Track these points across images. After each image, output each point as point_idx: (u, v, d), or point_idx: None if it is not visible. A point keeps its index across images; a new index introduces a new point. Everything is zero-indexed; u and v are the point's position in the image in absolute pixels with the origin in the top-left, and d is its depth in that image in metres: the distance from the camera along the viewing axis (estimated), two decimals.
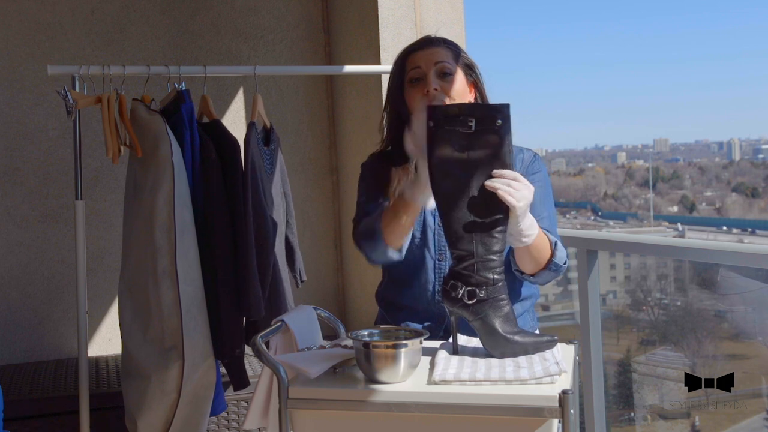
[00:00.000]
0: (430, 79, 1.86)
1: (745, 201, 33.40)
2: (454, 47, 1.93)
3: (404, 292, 1.92)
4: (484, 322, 1.61)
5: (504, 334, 1.60)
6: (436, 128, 1.62)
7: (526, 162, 1.95)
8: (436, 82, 1.86)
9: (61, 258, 3.35)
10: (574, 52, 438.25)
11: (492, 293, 1.61)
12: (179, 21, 3.50)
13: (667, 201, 34.78)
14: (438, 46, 1.91)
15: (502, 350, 1.60)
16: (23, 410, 2.70)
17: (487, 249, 1.62)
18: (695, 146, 48.08)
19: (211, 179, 2.35)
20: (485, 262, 1.61)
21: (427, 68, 1.87)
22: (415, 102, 1.88)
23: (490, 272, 1.62)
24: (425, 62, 1.88)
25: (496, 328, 1.60)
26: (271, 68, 3.27)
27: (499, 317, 1.61)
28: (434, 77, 1.86)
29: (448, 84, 1.87)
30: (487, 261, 1.62)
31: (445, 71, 1.87)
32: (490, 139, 1.59)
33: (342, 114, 3.60)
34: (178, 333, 2.24)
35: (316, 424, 1.55)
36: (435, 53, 1.89)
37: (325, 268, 3.69)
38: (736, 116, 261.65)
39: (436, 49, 1.90)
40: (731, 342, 4.67)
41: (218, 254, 2.34)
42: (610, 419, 3.31)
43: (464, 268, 1.63)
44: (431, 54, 1.89)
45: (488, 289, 1.61)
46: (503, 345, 1.60)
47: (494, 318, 1.60)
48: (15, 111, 3.31)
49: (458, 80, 1.88)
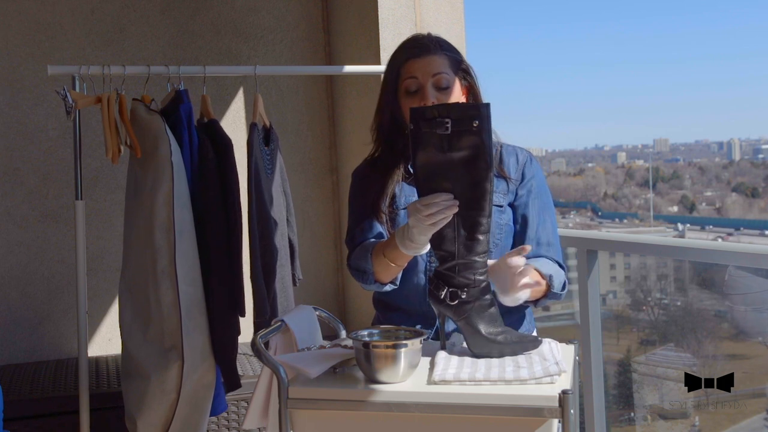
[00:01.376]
0: (428, 93, 1.83)
1: (745, 201, 33.38)
2: (450, 52, 1.90)
3: (397, 293, 1.91)
4: (468, 322, 1.61)
5: (486, 335, 1.60)
6: (416, 130, 1.60)
7: (521, 163, 1.93)
8: (433, 94, 1.83)
9: (61, 258, 3.35)
10: (574, 52, 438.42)
11: (475, 294, 1.61)
12: (179, 21, 3.49)
13: (667, 201, 34.76)
14: (435, 53, 1.86)
15: (485, 350, 1.60)
16: (23, 410, 2.70)
17: (470, 250, 1.61)
18: (695, 146, 48.05)
19: (208, 179, 2.35)
20: (467, 264, 1.61)
21: (424, 80, 1.84)
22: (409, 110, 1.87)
23: (473, 273, 1.61)
24: (422, 73, 1.84)
25: (479, 329, 1.60)
26: (271, 68, 3.27)
27: (483, 318, 1.60)
28: (431, 89, 1.84)
29: (446, 96, 1.85)
30: (470, 262, 1.61)
31: (442, 85, 1.84)
32: (469, 140, 1.57)
33: (342, 114, 3.60)
34: (178, 333, 2.25)
35: (316, 424, 1.55)
36: (432, 63, 1.85)
37: (325, 268, 3.69)
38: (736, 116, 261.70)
39: (433, 57, 1.86)
40: (731, 342, 4.67)
41: (213, 254, 2.34)
42: (610, 419, 3.30)
43: (446, 269, 1.63)
44: (428, 64, 1.85)
45: (471, 290, 1.61)
46: (486, 345, 1.60)
47: (477, 319, 1.60)
48: (15, 111, 3.31)
49: (455, 90, 1.86)
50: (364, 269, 1.83)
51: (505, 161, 1.92)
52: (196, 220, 2.34)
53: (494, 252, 1.85)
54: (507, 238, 1.88)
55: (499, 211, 1.86)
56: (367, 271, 1.82)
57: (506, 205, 1.89)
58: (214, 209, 2.35)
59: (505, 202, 1.88)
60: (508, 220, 1.88)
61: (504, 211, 1.88)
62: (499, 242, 1.86)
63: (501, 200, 1.88)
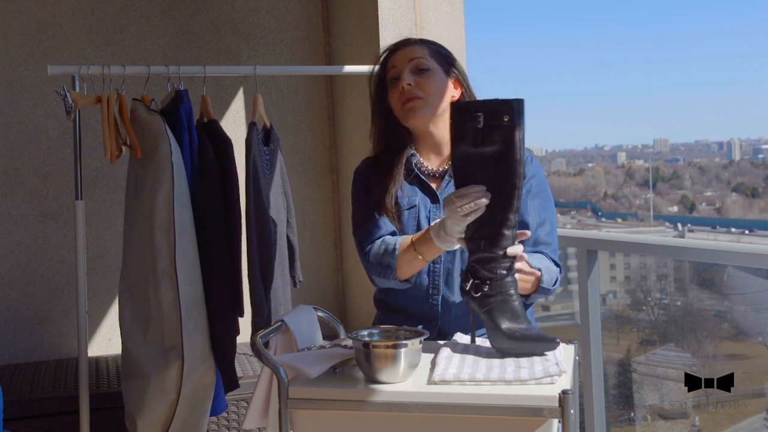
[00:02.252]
0: (404, 76, 1.90)
1: (745, 201, 33.37)
2: (432, 45, 1.97)
3: (399, 294, 1.92)
4: (489, 315, 1.62)
5: (504, 330, 1.60)
6: (454, 123, 1.66)
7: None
8: (410, 77, 1.89)
9: (61, 258, 3.35)
10: (574, 52, 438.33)
11: (498, 288, 1.62)
12: (179, 21, 3.49)
13: (667, 201, 34.75)
14: (414, 44, 1.95)
15: (503, 346, 1.60)
16: (23, 410, 2.70)
17: (494, 244, 1.63)
18: (695, 146, 48.05)
19: (208, 179, 2.35)
20: (491, 258, 1.63)
21: (401, 66, 1.91)
22: (393, 101, 1.91)
23: (496, 267, 1.63)
24: (400, 61, 1.92)
25: (499, 324, 1.61)
26: (271, 68, 3.27)
27: (504, 313, 1.61)
28: (408, 73, 1.90)
29: (425, 79, 1.90)
30: (494, 257, 1.63)
31: (421, 67, 1.90)
32: (500, 134, 1.61)
33: (342, 114, 3.60)
34: (178, 333, 2.24)
35: (316, 424, 1.55)
36: (410, 51, 1.93)
37: (324, 268, 3.69)
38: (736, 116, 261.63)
39: (412, 47, 1.94)
40: (731, 342, 4.67)
41: (213, 254, 2.34)
42: (610, 419, 3.31)
43: (474, 261, 1.65)
44: (406, 52, 1.93)
45: (493, 284, 1.62)
46: (504, 341, 1.60)
47: (498, 313, 1.61)
48: (15, 111, 3.31)
49: (437, 75, 1.91)
50: (389, 263, 1.84)
51: None
52: (196, 220, 2.34)
53: None
54: None
55: None
56: (391, 266, 1.84)
57: None
58: (214, 209, 2.35)
59: None
60: None
61: None
62: None
63: None
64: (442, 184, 1.92)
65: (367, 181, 1.97)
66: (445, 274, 1.88)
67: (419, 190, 1.92)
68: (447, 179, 1.92)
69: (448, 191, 1.87)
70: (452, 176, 1.72)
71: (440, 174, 1.94)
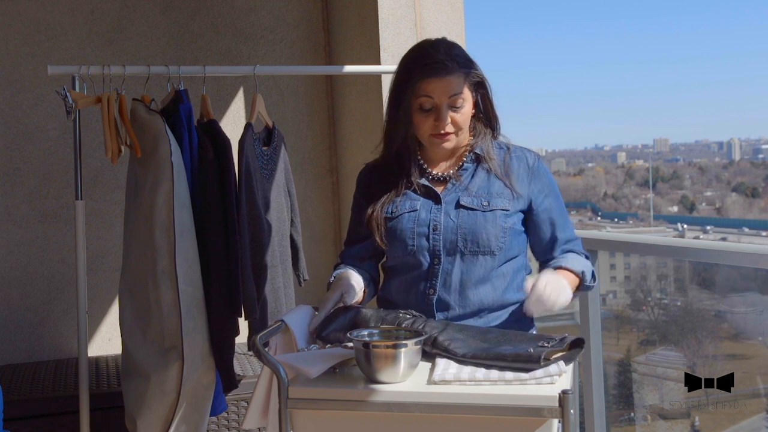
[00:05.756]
0: (443, 114, 1.84)
1: (745, 201, 33.40)
2: (465, 66, 1.87)
3: (400, 294, 1.93)
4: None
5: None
6: None
7: (531, 165, 1.94)
8: (447, 116, 1.85)
9: (61, 258, 3.35)
10: (574, 52, 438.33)
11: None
12: (179, 21, 3.50)
13: (667, 201, 34.78)
14: (452, 73, 1.84)
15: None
16: (23, 410, 2.69)
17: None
18: (695, 146, 48.09)
19: (208, 179, 2.35)
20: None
21: (440, 101, 1.84)
22: (423, 129, 1.87)
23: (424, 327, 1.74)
24: (439, 94, 1.83)
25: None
26: (271, 68, 3.27)
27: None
28: (446, 109, 1.84)
29: (460, 115, 1.86)
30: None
31: (457, 105, 1.85)
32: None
33: (342, 114, 3.60)
34: (178, 333, 2.24)
35: (316, 424, 1.55)
36: (450, 84, 1.83)
37: (325, 268, 3.69)
38: (736, 116, 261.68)
39: (450, 78, 1.83)
40: (731, 342, 4.68)
41: (212, 254, 2.34)
42: (610, 419, 3.30)
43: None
44: (446, 85, 1.83)
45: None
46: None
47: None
48: (15, 111, 3.31)
49: (467, 103, 1.88)
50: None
51: (514, 168, 1.92)
52: (196, 220, 2.34)
53: (498, 255, 1.87)
54: (511, 240, 1.89)
55: (504, 214, 1.87)
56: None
57: (512, 210, 1.89)
58: (214, 209, 2.35)
59: (511, 207, 1.89)
60: (513, 224, 1.89)
61: (510, 215, 1.88)
62: (503, 246, 1.87)
63: (507, 205, 1.88)
64: (448, 186, 1.92)
65: (369, 189, 1.98)
66: (444, 275, 1.88)
67: (422, 195, 1.92)
68: (452, 184, 1.91)
69: (453, 194, 1.89)
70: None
71: (446, 178, 1.93)
